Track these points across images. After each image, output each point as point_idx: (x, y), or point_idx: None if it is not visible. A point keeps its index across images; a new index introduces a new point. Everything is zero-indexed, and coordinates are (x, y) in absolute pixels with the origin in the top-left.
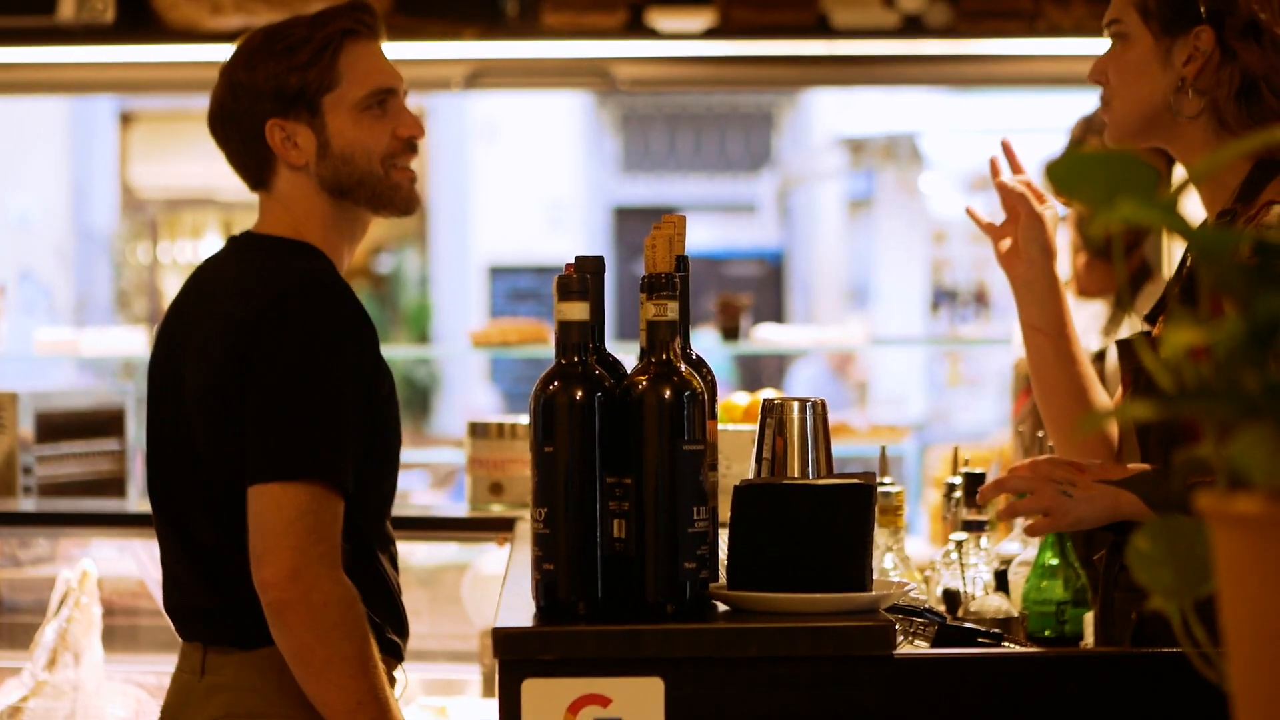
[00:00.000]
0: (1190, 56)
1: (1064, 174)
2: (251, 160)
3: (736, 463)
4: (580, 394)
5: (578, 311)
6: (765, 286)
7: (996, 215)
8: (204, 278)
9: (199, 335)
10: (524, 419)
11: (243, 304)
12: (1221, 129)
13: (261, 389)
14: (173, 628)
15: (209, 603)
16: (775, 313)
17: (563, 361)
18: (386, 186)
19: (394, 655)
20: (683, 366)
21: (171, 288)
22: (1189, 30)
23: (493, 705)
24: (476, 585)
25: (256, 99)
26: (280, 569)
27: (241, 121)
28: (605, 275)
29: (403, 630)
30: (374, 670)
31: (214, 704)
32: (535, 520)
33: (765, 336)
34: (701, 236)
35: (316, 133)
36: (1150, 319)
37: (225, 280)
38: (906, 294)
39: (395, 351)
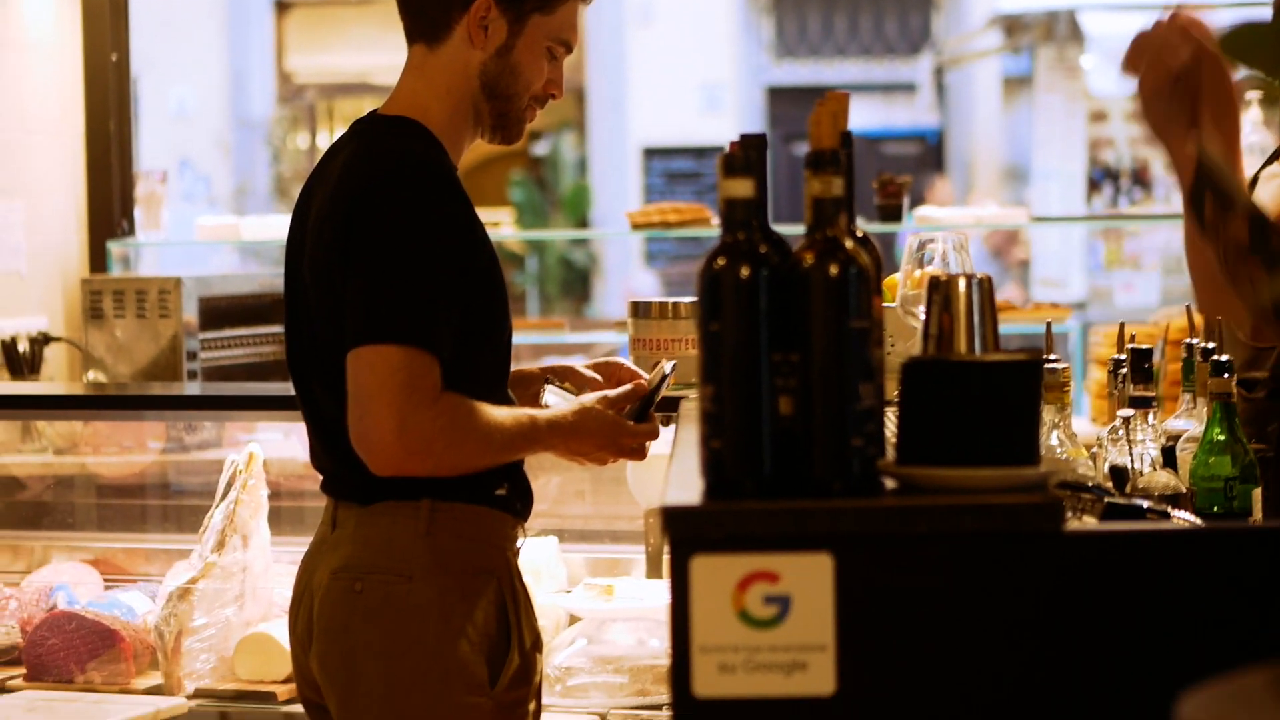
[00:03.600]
0: None
1: (1239, 44)
2: (441, 12)
3: (900, 340)
4: (746, 271)
5: (743, 188)
6: (923, 166)
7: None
8: (326, 159)
9: (316, 213)
10: (684, 299)
11: (349, 183)
12: None
13: (359, 263)
14: None
15: (330, 463)
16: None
17: (728, 239)
18: (516, 118)
19: (510, 512)
20: (848, 243)
21: None
22: None
23: (657, 585)
24: (640, 466)
25: None
26: (384, 427)
27: None
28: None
29: (521, 489)
30: (499, 436)
31: (337, 555)
32: (702, 398)
33: (925, 215)
34: (858, 117)
35: (508, 36)
36: None
37: (341, 161)
38: (1065, 173)
39: (553, 235)
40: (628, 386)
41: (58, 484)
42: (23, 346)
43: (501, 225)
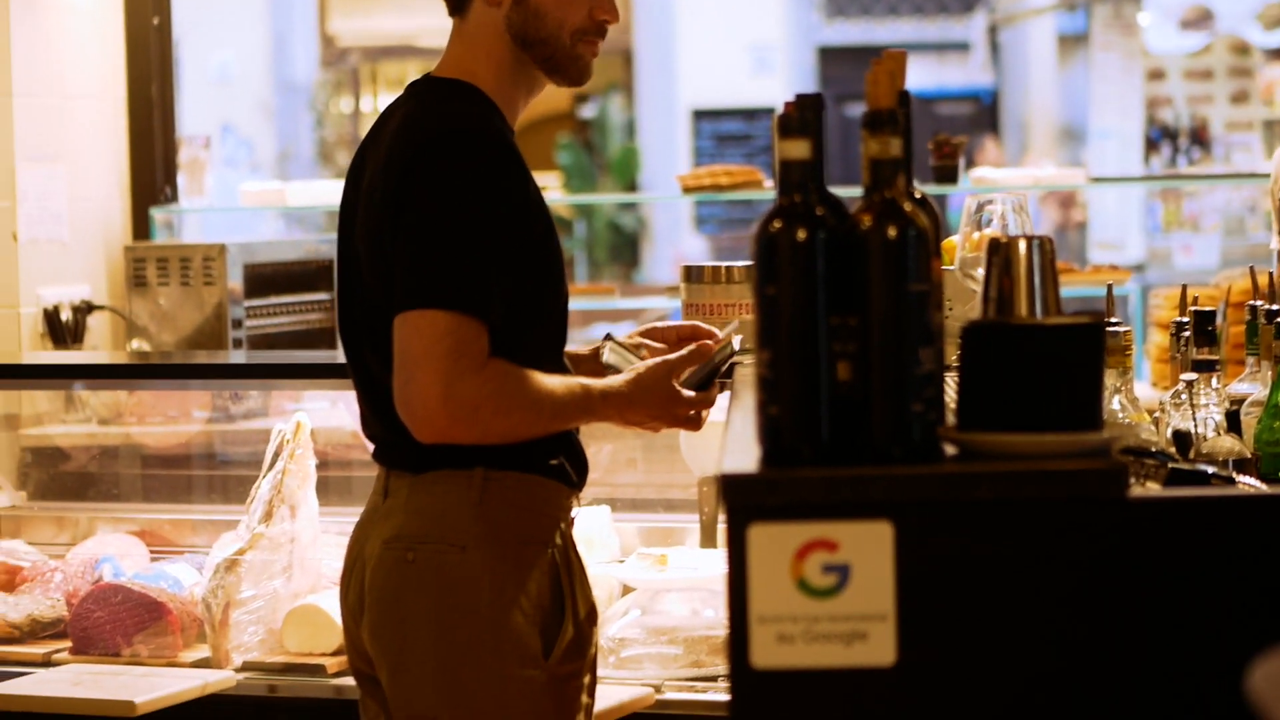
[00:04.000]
0: None
1: None
2: None
3: (959, 303)
4: (803, 233)
5: (799, 149)
6: (977, 127)
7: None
8: (381, 122)
9: (369, 176)
10: (738, 263)
11: (403, 146)
12: None
13: (410, 226)
14: None
15: (382, 431)
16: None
17: (784, 201)
18: (567, 56)
19: (564, 482)
20: (907, 205)
21: None
22: None
23: (711, 554)
24: (694, 433)
25: None
26: (429, 393)
27: None
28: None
29: (576, 459)
30: (548, 405)
31: (389, 524)
32: (759, 363)
33: (981, 176)
34: (910, 77)
35: None
36: None
37: (395, 124)
38: (1122, 133)
39: (601, 199)
40: (687, 350)
41: (102, 455)
42: (66, 315)
43: (549, 189)
